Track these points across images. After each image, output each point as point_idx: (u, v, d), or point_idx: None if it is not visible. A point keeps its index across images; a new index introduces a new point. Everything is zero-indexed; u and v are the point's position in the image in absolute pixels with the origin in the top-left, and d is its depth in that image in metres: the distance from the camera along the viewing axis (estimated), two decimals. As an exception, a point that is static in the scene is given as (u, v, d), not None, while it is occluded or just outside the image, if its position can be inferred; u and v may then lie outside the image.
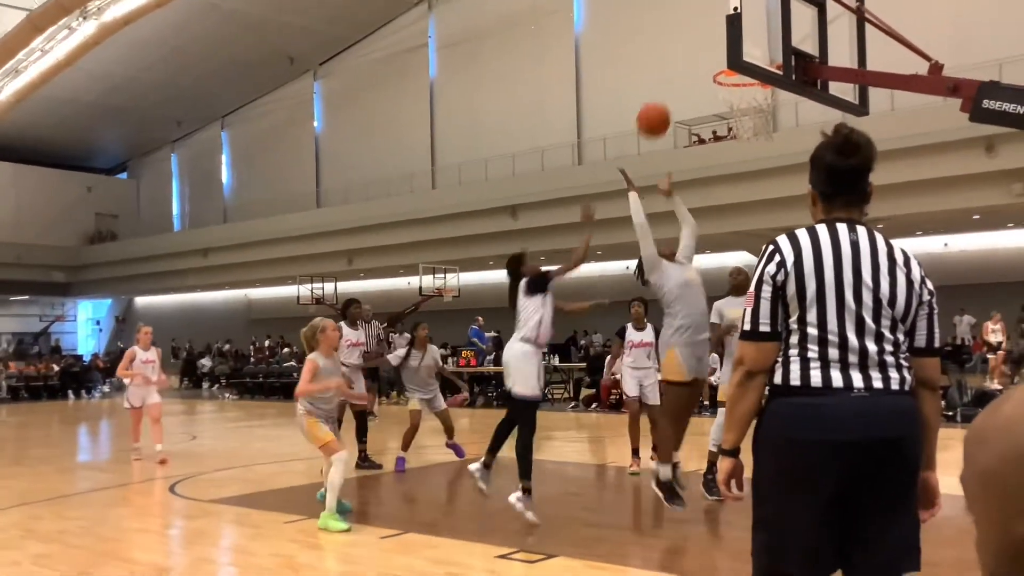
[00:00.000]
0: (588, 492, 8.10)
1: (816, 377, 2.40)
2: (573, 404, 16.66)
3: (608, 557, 5.07)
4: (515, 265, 6.52)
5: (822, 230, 2.50)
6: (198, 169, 38.03)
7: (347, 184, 29.86)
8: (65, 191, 37.37)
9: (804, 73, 7.10)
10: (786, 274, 2.45)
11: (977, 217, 17.93)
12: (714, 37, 8.21)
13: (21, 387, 23.86)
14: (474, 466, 6.37)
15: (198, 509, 7.10)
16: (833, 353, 2.41)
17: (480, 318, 19.23)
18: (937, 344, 2.55)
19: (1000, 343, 15.71)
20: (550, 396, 17.98)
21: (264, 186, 33.72)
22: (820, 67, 7.22)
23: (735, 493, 2.54)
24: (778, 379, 2.46)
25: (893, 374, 2.43)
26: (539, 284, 6.24)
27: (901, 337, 2.47)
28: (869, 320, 2.43)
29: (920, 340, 2.51)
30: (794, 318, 2.46)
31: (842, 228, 2.49)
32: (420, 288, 22.63)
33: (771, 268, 2.48)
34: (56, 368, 25.52)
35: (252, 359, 27.25)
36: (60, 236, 36.22)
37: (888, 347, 2.44)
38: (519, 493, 6.00)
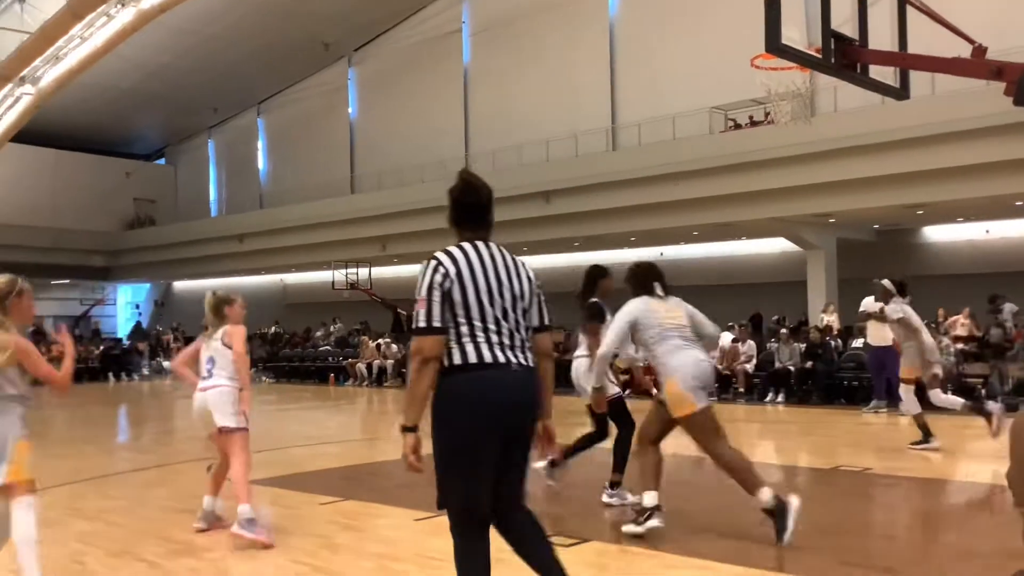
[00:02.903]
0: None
1: (487, 355, 3.15)
2: (606, 390, 16.65)
3: (640, 541, 5.08)
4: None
5: (467, 247, 3.30)
6: (234, 155, 38.37)
7: (381, 170, 29.94)
8: (104, 177, 37.85)
9: (843, 56, 7.00)
10: (451, 281, 3.20)
11: (1020, 203, 17.57)
12: (751, 20, 8.10)
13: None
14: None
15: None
16: (494, 338, 3.19)
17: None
18: (547, 322, 3.41)
19: None
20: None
21: (299, 172, 33.93)
22: (860, 50, 7.11)
23: (415, 463, 3.13)
24: (457, 360, 3.16)
25: (529, 354, 3.29)
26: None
27: (528, 323, 3.32)
28: (511, 311, 3.25)
29: (535, 320, 3.37)
30: (462, 314, 3.18)
31: (480, 245, 3.31)
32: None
33: (438, 278, 3.20)
34: (96, 351, 25.99)
35: (264, 343, 27.34)
36: (99, 221, 36.74)
37: (523, 332, 3.29)
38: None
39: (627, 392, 7.43)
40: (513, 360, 3.20)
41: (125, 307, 41.01)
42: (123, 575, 4.70)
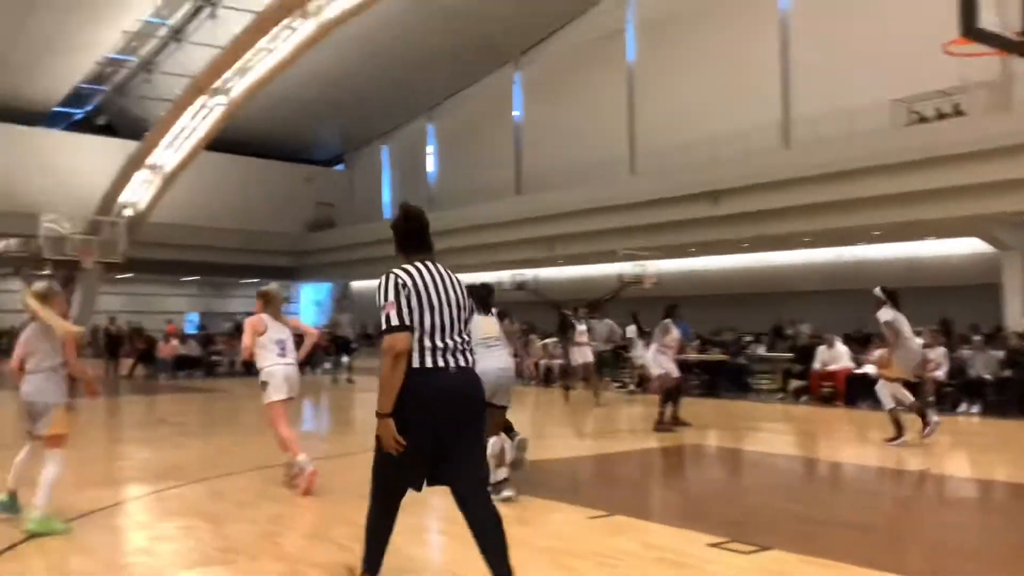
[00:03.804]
0: (796, 484, 7.83)
1: (428, 362, 3.81)
2: (781, 395, 16.13)
3: (824, 552, 4.89)
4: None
5: (418, 265, 3.99)
6: (406, 160, 39.79)
7: (546, 171, 30.23)
8: (288, 182, 40.35)
9: (1050, 39, 6.49)
10: (408, 290, 3.85)
11: None
12: (939, 2, 7.63)
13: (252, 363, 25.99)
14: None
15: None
16: (440, 344, 3.85)
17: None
18: None
19: None
20: (755, 387, 17.62)
21: (467, 175, 34.77)
22: (1069, 32, 6.57)
23: (400, 442, 3.71)
24: (415, 363, 3.79)
25: (469, 356, 3.96)
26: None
27: (464, 328, 3.98)
28: (456, 321, 3.93)
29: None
30: (417, 320, 3.81)
31: (428, 264, 4.01)
32: (620, 275, 22.60)
33: (400, 287, 3.85)
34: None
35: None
36: (284, 223, 39.16)
37: (464, 338, 3.96)
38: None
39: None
40: (452, 364, 3.85)
41: (309, 306, 43.33)
42: (316, 556, 4.98)
